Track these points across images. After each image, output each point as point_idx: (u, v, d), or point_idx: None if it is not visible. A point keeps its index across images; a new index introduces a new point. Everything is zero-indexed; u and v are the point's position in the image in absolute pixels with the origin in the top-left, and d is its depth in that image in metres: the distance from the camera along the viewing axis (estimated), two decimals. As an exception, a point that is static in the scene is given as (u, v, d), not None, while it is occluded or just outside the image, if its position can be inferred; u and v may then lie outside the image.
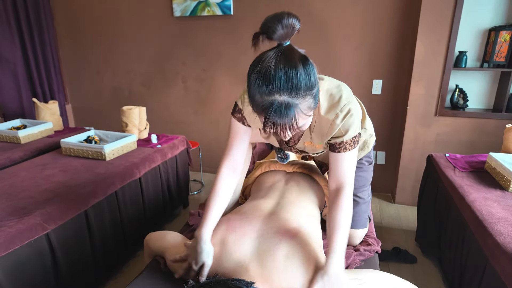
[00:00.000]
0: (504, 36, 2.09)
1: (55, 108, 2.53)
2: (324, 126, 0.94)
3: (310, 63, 0.76)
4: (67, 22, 3.12)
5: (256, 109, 0.77)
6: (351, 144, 0.96)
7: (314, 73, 0.76)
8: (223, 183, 1.04)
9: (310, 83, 0.74)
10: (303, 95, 0.74)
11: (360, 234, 1.23)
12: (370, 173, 1.29)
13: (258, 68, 0.74)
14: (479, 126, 2.27)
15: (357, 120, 0.94)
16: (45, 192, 1.50)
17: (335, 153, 0.98)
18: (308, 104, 0.76)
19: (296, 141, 1.06)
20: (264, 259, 0.87)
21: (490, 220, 1.20)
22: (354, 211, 1.15)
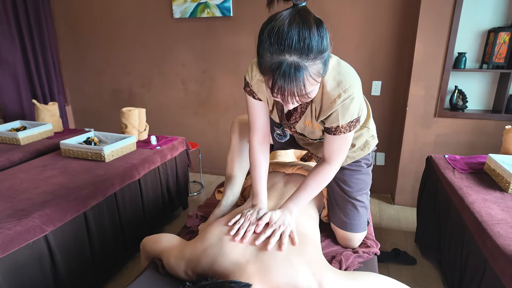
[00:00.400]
0: (503, 37, 2.09)
1: (54, 110, 2.53)
2: (326, 102, 0.92)
3: (324, 27, 0.74)
4: (67, 23, 3.13)
5: (264, 70, 0.74)
6: (347, 128, 0.95)
7: (327, 37, 0.74)
8: (258, 157, 1.10)
9: (322, 46, 0.72)
10: (313, 58, 0.72)
11: (359, 237, 1.23)
12: (369, 176, 1.26)
13: (270, 26, 0.72)
14: (478, 127, 2.27)
15: (357, 106, 0.93)
16: (44, 194, 1.50)
17: (330, 135, 0.98)
18: (318, 68, 0.74)
19: (297, 119, 1.04)
20: (262, 258, 0.87)
21: (490, 222, 1.19)
22: (352, 214, 1.17)
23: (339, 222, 1.22)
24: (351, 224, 1.19)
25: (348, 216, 1.20)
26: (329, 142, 1.00)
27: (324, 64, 0.76)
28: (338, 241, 1.25)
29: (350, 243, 1.21)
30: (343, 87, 0.89)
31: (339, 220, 1.22)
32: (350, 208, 1.20)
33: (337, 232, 1.24)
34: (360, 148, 1.18)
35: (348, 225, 1.20)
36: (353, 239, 1.20)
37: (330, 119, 0.95)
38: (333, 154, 1.02)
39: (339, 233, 1.23)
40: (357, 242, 1.22)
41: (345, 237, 1.21)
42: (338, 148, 1.01)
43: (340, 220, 1.22)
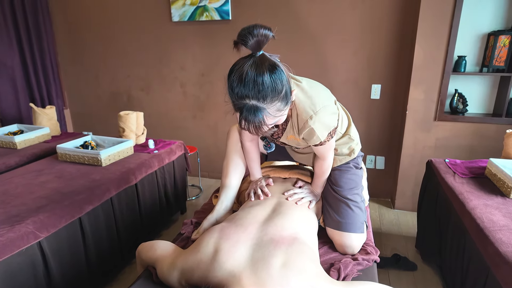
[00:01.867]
0: (503, 40, 2.08)
1: (52, 113, 2.52)
2: (300, 122, 1.05)
3: (279, 70, 0.85)
4: (65, 27, 3.12)
5: (233, 107, 0.88)
6: (328, 139, 1.09)
7: (281, 79, 0.85)
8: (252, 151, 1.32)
9: (276, 89, 0.84)
10: (270, 100, 0.84)
11: (357, 241, 1.17)
12: (359, 176, 1.31)
13: (233, 75, 0.84)
14: (478, 131, 2.25)
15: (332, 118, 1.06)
16: (39, 199, 1.48)
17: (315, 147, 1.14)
18: (277, 107, 0.87)
19: (279, 135, 1.17)
20: (258, 268, 0.84)
21: (491, 228, 1.17)
22: (346, 213, 1.19)
23: (334, 224, 1.20)
24: (345, 223, 1.17)
25: (342, 215, 1.19)
26: (317, 150, 1.17)
27: (282, 101, 0.87)
28: (336, 249, 1.20)
29: (348, 249, 1.16)
30: (314, 109, 1.01)
31: (333, 221, 1.20)
32: (344, 207, 1.21)
33: (335, 237, 1.20)
34: (347, 154, 1.29)
35: (342, 225, 1.17)
36: (350, 243, 1.15)
37: (313, 140, 1.07)
38: (324, 155, 1.20)
39: (336, 238, 1.19)
40: (355, 246, 1.16)
41: (342, 242, 1.17)
42: (325, 151, 1.17)
43: (335, 221, 1.20)
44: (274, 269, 0.83)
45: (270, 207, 1.10)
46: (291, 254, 0.87)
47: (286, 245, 0.89)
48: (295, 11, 2.46)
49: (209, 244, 0.93)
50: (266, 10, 2.51)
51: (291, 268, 0.83)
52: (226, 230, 0.97)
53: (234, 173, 1.35)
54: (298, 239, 0.93)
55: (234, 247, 0.90)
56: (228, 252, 0.89)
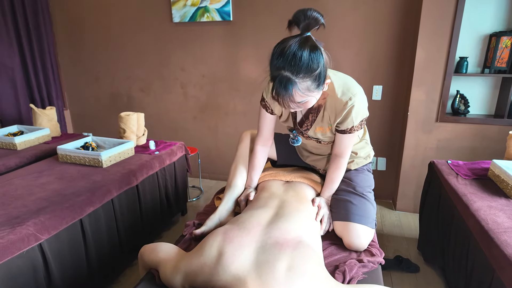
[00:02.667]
0: (505, 41, 2.08)
1: (52, 114, 2.51)
2: (338, 106, 1.13)
3: (318, 52, 0.92)
4: (66, 28, 3.12)
5: (270, 77, 0.95)
6: (358, 127, 1.17)
7: (318, 60, 0.92)
8: (258, 158, 1.37)
9: (311, 68, 0.91)
10: (302, 76, 0.91)
11: (365, 234, 1.15)
12: (371, 179, 1.40)
13: (279, 45, 0.93)
14: (480, 132, 2.24)
15: (365, 106, 1.16)
16: (39, 200, 1.46)
17: (343, 135, 1.19)
18: (307, 85, 0.93)
19: (308, 126, 1.25)
20: (263, 271, 0.83)
21: (496, 230, 1.16)
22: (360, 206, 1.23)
23: (345, 215, 1.19)
24: (358, 215, 1.18)
25: (355, 208, 1.21)
26: (341, 141, 1.21)
27: (313, 81, 0.94)
28: (344, 243, 1.17)
29: (356, 243, 1.14)
30: (352, 93, 1.11)
31: (346, 212, 1.20)
32: (357, 199, 1.25)
33: (344, 230, 1.17)
34: (364, 158, 1.39)
35: (355, 216, 1.18)
36: (359, 236, 1.14)
37: (346, 123, 1.15)
38: (344, 150, 1.23)
39: (346, 231, 1.17)
40: (363, 241, 1.14)
41: (352, 234, 1.14)
42: (348, 144, 1.22)
43: (347, 212, 1.20)
44: (279, 273, 0.82)
45: (273, 210, 1.09)
46: (296, 258, 0.86)
47: (291, 248, 0.88)
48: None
49: (213, 247, 0.92)
50: (268, 11, 2.51)
51: (296, 271, 0.82)
52: (229, 233, 0.96)
53: (241, 176, 1.40)
54: (303, 242, 0.92)
55: (238, 251, 0.89)
56: (233, 256, 0.88)
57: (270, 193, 1.23)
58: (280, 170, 1.39)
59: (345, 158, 1.26)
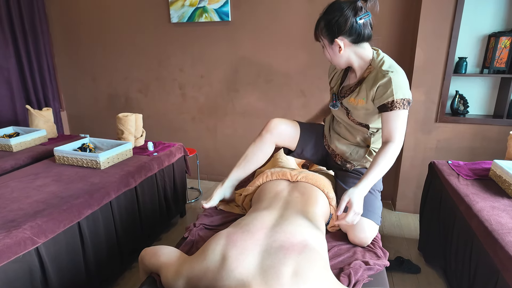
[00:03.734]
0: (504, 42, 2.08)
1: (49, 115, 2.47)
2: (379, 75, 1.18)
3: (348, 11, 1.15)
4: (62, 28, 3.08)
5: None
6: (401, 104, 1.14)
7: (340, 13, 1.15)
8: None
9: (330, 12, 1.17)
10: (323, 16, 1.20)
11: (370, 228, 1.20)
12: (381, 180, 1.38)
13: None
14: (480, 132, 2.24)
15: (407, 87, 1.16)
16: (36, 203, 1.43)
17: (387, 112, 1.16)
18: (321, 26, 1.21)
19: (346, 94, 1.31)
20: (268, 276, 0.81)
21: (500, 231, 1.15)
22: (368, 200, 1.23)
23: None
24: (366, 210, 1.21)
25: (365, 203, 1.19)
26: (386, 122, 1.18)
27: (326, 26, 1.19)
28: (349, 237, 1.22)
29: (360, 236, 1.18)
30: (394, 69, 1.18)
31: None
32: (368, 196, 1.25)
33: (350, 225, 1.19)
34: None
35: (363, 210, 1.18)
36: (364, 230, 1.18)
37: (386, 95, 1.15)
38: (392, 133, 1.17)
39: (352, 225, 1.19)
40: (368, 235, 1.18)
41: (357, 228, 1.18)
42: (394, 126, 1.16)
43: None
44: (285, 278, 0.80)
45: (278, 212, 1.08)
46: (302, 262, 0.84)
47: (297, 252, 0.86)
48: (296, 12, 2.44)
49: (216, 251, 0.90)
50: (267, 11, 2.50)
51: (303, 276, 0.80)
52: (233, 237, 0.93)
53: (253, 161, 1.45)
54: (308, 246, 0.90)
55: (243, 255, 0.87)
56: (237, 260, 0.85)
57: (274, 194, 1.21)
58: (287, 170, 1.36)
59: (394, 143, 1.16)
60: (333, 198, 1.29)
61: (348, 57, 1.24)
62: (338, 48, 1.20)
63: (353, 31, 1.16)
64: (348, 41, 1.19)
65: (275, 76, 2.66)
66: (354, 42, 1.19)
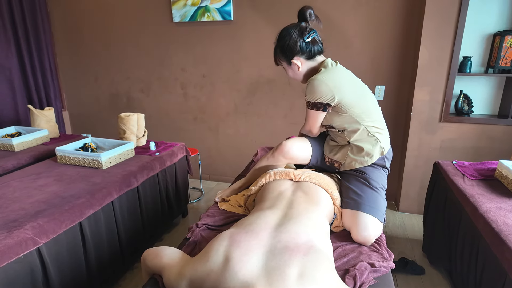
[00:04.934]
0: (509, 40, 2.06)
1: (51, 115, 2.47)
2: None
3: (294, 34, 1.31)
4: (65, 28, 3.08)
5: None
6: (308, 104, 1.33)
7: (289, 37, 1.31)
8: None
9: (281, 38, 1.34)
10: (276, 42, 1.36)
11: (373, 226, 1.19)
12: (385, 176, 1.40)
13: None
14: (484, 132, 2.22)
15: (319, 91, 1.26)
16: (37, 203, 1.43)
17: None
18: (278, 51, 1.36)
19: None
20: (273, 278, 0.79)
21: (508, 232, 1.13)
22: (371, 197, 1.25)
23: (355, 205, 1.24)
24: (368, 206, 1.23)
25: (366, 199, 1.25)
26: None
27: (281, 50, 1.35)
28: (352, 236, 1.21)
29: (365, 232, 1.17)
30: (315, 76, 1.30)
31: (357, 203, 1.24)
32: (370, 192, 1.28)
33: (353, 221, 1.21)
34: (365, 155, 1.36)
35: (365, 207, 1.22)
36: (368, 228, 1.18)
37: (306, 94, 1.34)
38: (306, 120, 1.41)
39: (355, 222, 1.20)
40: (371, 233, 1.18)
41: (360, 224, 1.19)
42: (306, 116, 1.39)
43: (359, 203, 1.24)
44: (290, 280, 0.78)
45: (281, 211, 1.06)
46: (307, 264, 0.82)
47: (302, 254, 0.85)
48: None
49: (219, 252, 0.88)
50: (269, 11, 2.48)
51: (309, 278, 0.79)
52: (236, 237, 0.92)
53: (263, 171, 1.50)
54: (314, 247, 0.88)
55: (247, 256, 0.85)
56: (240, 262, 0.84)
57: (278, 194, 1.19)
58: (290, 169, 1.35)
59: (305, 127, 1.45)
60: (337, 198, 1.27)
61: (307, 72, 1.38)
62: (296, 67, 1.35)
63: (304, 50, 1.31)
64: (303, 58, 1.34)
65: (277, 76, 2.64)
66: (308, 58, 1.34)
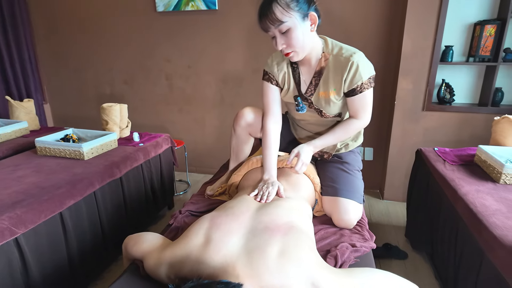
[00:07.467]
0: (489, 30, 2.10)
1: (30, 107, 2.40)
2: (343, 63, 1.13)
3: None
4: (44, 18, 2.98)
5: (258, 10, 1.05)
6: (368, 84, 1.14)
7: None
8: (272, 136, 1.27)
9: None
10: None
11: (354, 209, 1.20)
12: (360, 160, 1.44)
13: None
14: (466, 120, 2.27)
15: (370, 64, 1.15)
16: (15, 193, 1.38)
17: (353, 97, 1.16)
18: (286, 1, 1.01)
19: (312, 91, 1.23)
20: (253, 257, 0.79)
21: (485, 213, 1.16)
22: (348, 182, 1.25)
23: (334, 191, 1.24)
24: (346, 190, 1.23)
25: (343, 184, 1.25)
26: (353, 103, 1.19)
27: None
28: (334, 221, 1.22)
29: (346, 216, 1.18)
30: (352, 51, 1.13)
31: (334, 189, 1.24)
32: (346, 176, 1.29)
33: (333, 207, 1.22)
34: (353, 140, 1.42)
35: (343, 192, 1.22)
36: (348, 211, 1.18)
37: (355, 79, 1.13)
38: (358, 112, 1.21)
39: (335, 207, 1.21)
40: (352, 216, 1.18)
41: (341, 209, 1.19)
42: (361, 105, 1.19)
43: (336, 189, 1.24)
44: (270, 259, 0.78)
45: None
46: (288, 243, 0.82)
47: (282, 233, 0.85)
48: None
49: (199, 234, 0.88)
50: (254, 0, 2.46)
51: (289, 257, 0.79)
52: (216, 220, 0.91)
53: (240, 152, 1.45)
54: (294, 227, 0.88)
55: (227, 237, 0.85)
56: (221, 242, 0.83)
57: (260, 180, 1.19)
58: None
59: (359, 120, 1.22)
60: (318, 183, 1.28)
61: (312, 41, 1.09)
62: (310, 24, 1.04)
63: (318, 11, 1.08)
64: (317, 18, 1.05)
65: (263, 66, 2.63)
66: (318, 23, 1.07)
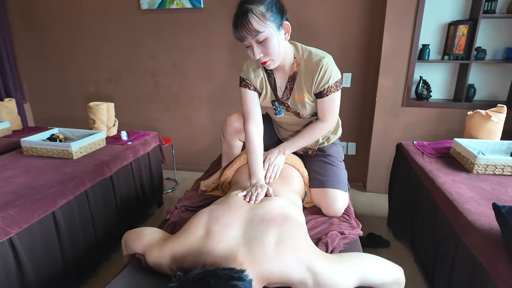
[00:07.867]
0: (462, 29, 2.23)
1: (12, 107, 2.34)
2: (313, 67, 1.21)
3: None
4: (24, 15, 2.90)
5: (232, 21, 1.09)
6: (335, 88, 1.23)
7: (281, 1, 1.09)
8: (256, 140, 1.30)
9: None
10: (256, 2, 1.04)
11: (341, 198, 1.27)
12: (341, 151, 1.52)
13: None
14: (442, 115, 2.40)
15: (337, 69, 1.24)
16: (6, 194, 1.38)
17: (322, 98, 1.25)
18: (261, 11, 1.04)
19: (288, 95, 1.30)
20: (252, 246, 0.85)
21: (460, 201, 1.27)
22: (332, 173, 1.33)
23: (320, 183, 1.32)
24: (332, 181, 1.31)
25: (328, 175, 1.33)
26: (321, 105, 1.27)
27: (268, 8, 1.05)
28: (323, 211, 1.29)
29: (333, 207, 1.25)
30: (321, 55, 1.21)
31: (320, 181, 1.32)
32: (330, 168, 1.37)
33: (321, 198, 1.29)
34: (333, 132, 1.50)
35: (329, 183, 1.30)
36: (335, 201, 1.26)
37: (322, 82, 1.21)
38: (325, 114, 1.29)
39: (323, 197, 1.28)
40: (339, 205, 1.26)
41: (328, 199, 1.27)
42: (329, 107, 1.27)
43: (322, 181, 1.32)
44: (268, 247, 0.84)
45: None
46: (283, 232, 0.88)
47: (278, 224, 0.91)
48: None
49: (199, 228, 0.92)
50: (239, -1, 2.49)
51: (285, 245, 0.85)
52: (215, 213, 0.96)
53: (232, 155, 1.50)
54: (288, 218, 0.94)
55: (226, 229, 0.90)
56: (220, 235, 0.88)
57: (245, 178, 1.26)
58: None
59: (325, 123, 1.31)
60: (306, 176, 1.37)
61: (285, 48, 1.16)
62: (284, 32, 1.10)
63: (287, 16, 1.12)
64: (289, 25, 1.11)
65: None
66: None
